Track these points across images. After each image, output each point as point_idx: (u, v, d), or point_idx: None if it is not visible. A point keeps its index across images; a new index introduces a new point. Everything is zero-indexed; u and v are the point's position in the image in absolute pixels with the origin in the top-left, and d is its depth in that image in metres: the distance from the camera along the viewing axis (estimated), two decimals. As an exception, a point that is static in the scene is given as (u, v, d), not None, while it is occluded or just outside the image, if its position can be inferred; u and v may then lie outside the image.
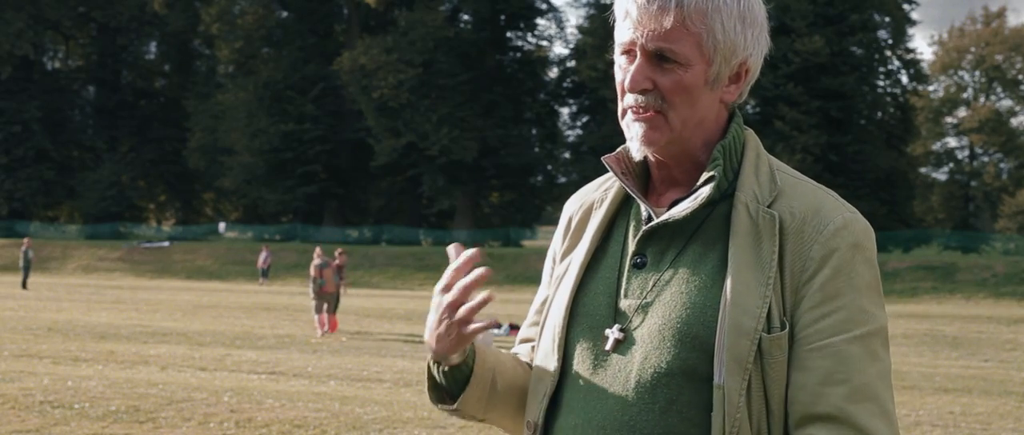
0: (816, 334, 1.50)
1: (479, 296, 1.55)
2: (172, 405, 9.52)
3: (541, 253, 44.73)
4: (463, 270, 1.58)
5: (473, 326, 1.55)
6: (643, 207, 1.63)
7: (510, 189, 57.53)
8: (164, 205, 69.74)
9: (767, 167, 1.61)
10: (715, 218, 1.58)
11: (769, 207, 1.56)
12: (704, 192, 1.57)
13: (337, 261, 20.02)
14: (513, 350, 1.83)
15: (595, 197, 1.74)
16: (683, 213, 1.57)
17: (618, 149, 1.67)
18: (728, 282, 1.51)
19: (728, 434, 1.47)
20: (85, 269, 45.27)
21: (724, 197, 1.59)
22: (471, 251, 1.58)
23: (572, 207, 1.77)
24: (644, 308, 1.58)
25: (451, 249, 1.62)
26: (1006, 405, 11.17)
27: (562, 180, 58.56)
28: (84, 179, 60.54)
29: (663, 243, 1.60)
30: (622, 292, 1.61)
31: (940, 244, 50.34)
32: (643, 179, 1.68)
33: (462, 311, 1.55)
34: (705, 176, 1.58)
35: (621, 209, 1.70)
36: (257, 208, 60.33)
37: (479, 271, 1.56)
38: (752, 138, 1.64)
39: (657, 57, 1.56)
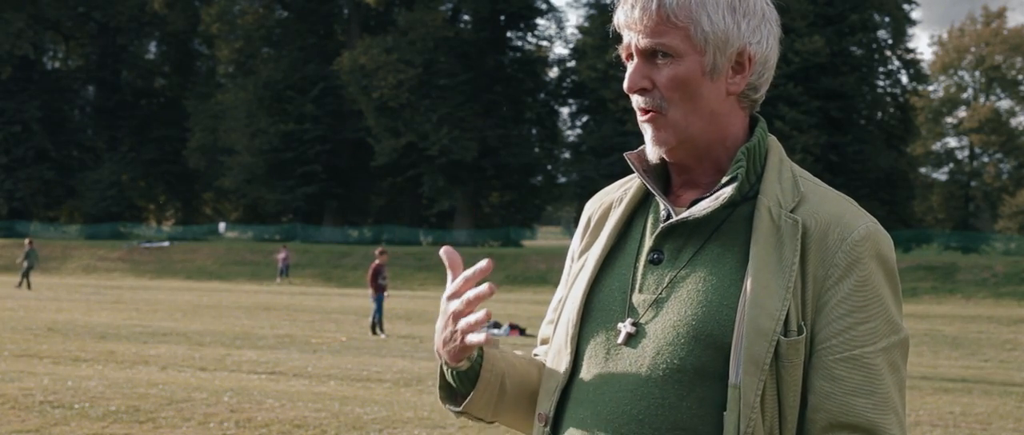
0: (844, 344, 1.51)
1: (480, 312, 1.55)
2: (172, 405, 9.51)
3: (541, 253, 44.69)
4: (473, 280, 1.57)
5: (473, 338, 1.56)
6: (662, 205, 1.63)
7: (510, 189, 57.49)
8: (164, 205, 69.76)
9: (789, 173, 1.62)
10: (735, 219, 1.58)
11: (791, 212, 1.56)
12: (726, 192, 1.57)
13: (377, 261, 19.14)
14: (533, 351, 1.85)
15: (615, 196, 1.74)
16: (703, 212, 1.58)
17: (640, 147, 1.68)
18: (748, 282, 1.51)
19: (743, 434, 1.48)
20: (85, 269, 45.25)
21: (746, 199, 1.59)
22: (484, 262, 1.57)
23: (592, 207, 1.78)
24: (658, 303, 1.58)
25: (443, 253, 1.63)
26: (1006, 405, 11.17)
27: (562, 180, 58.54)
28: (84, 179, 60.53)
29: (681, 241, 1.60)
30: (636, 287, 1.61)
31: (940, 244, 50.31)
32: (663, 179, 1.68)
33: (462, 323, 1.56)
34: (727, 176, 1.59)
35: (640, 207, 1.70)
36: (257, 208, 60.34)
37: (484, 287, 1.56)
38: (776, 144, 1.65)
39: (651, 55, 1.58)
